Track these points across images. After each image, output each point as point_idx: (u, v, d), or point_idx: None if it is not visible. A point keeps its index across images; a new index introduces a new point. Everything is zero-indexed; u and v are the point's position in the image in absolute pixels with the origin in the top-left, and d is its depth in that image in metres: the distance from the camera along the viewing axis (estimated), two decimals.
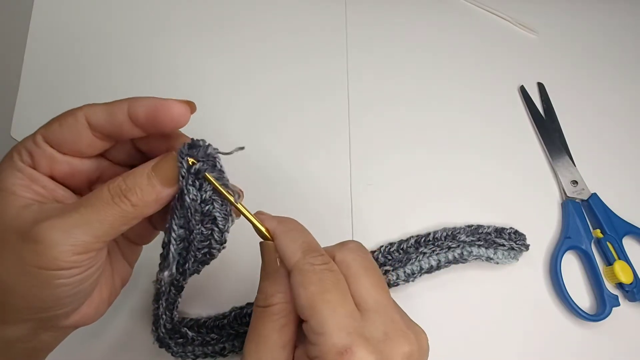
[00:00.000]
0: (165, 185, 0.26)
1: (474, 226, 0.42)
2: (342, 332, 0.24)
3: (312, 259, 0.26)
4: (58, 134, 0.26)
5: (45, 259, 0.24)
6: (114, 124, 0.26)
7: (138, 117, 0.26)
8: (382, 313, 0.26)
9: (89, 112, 0.26)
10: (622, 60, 0.53)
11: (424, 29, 0.52)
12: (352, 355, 0.23)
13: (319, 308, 0.25)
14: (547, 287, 0.43)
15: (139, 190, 0.25)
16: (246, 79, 0.47)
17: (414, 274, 0.40)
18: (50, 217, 0.24)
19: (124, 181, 0.26)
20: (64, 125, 0.26)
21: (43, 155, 0.26)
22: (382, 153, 0.46)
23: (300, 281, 0.26)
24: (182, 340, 0.36)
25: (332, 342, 0.24)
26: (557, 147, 0.47)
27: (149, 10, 0.49)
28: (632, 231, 0.44)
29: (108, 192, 0.25)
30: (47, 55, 0.46)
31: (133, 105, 0.26)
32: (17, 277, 0.24)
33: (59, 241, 0.24)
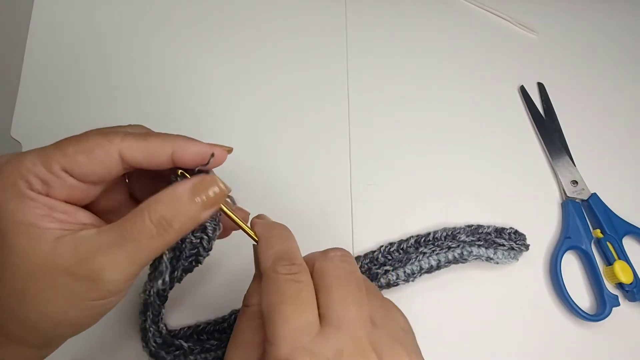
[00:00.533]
0: (206, 209, 0.26)
1: (474, 226, 0.42)
2: (288, 346, 0.23)
3: (279, 267, 0.26)
4: (85, 168, 0.25)
5: (101, 294, 0.24)
6: (152, 164, 0.26)
7: (185, 162, 0.26)
8: (343, 329, 0.24)
9: (125, 150, 0.25)
10: (622, 60, 0.53)
11: (424, 29, 0.52)
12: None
13: (273, 318, 0.24)
14: (547, 287, 0.43)
15: (182, 218, 0.25)
16: (246, 78, 0.47)
17: (414, 274, 0.40)
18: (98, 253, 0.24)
19: (167, 209, 0.25)
20: (93, 159, 0.25)
21: (63, 185, 0.25)
22: (382, 153, 0.46)
23: (264, 289, 0.26)
24: (179, 352, 0.35)
25: (277, 354, 0.23)
26: (557, 147, 0.47)
27: (149, 10, 0.49)
28: (632, 231, 0.44)
29: (151, 224, 0.24)
30: (47, 55, 0.46)
31: (181, 152, 0.26)
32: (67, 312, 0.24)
33: (113, 278, 0.24)
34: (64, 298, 0.24)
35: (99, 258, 0.24)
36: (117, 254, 0.24)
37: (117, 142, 0.25)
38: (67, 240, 0.24)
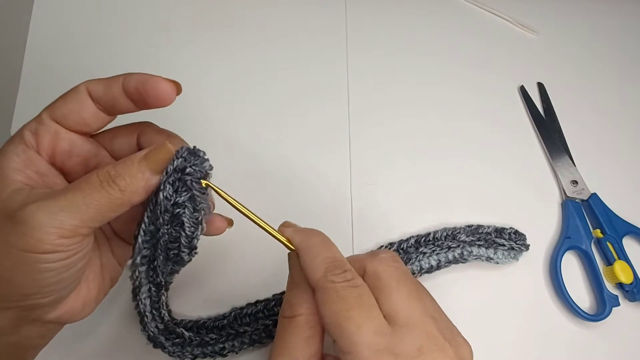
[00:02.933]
0: (154, 173, 0.26)
1: (474, 226, 0.42)
2: (370, 350, 0.23)
3: (333, 277, 0.26)
4: (62, 107, 0.27)
5: (29, 241, 0.23)
6: (111, 96, 0.28)
7: (129, 89, 0.27)
8: (416, 327, 0.25)
9: (90, 85, 0.28)
10: (622, 60, 0.53)
11: (423, 30, 0.52)
12: None
13: (343, 326, 0.24)
14: (547, 287, 0.43)
15: (127, 177, 0.26)
16: (247, 81, 0.47)
17: (414, 273, 0.40)
18: (38, 199, 0.24)
19: (114, 167, 0.26)
20: (68, 98, 0.28)
21: (47, 131, 0.27)
22: (382, 153, 0.46)
23: (323, 300, 0.26)
24: (179, 341, 0.35)
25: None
26: (557, 147, 0.47)
27: (149, 12, 0.49)
28: (632, 231, 0.44)
29: (97, 177, 0.25)
30: (47, 55, 0.46)
31: (126, 78, 0.28)
32: (3, 260, 0.24)
33: (44, 223, 0.23)
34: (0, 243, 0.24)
35: (35, 203, 0.24)
36: (53, 200, 0.24)
37: (85, 82, 0.28)
38: (23, 191, 0.25)
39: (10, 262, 0.24)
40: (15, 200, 0.25)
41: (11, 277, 0.24)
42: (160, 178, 0.27)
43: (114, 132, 0.31)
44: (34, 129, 0.27)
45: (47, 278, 0.25)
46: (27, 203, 0.24)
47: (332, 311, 0.25)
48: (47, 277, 0.25)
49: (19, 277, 0.24)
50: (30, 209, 0.24)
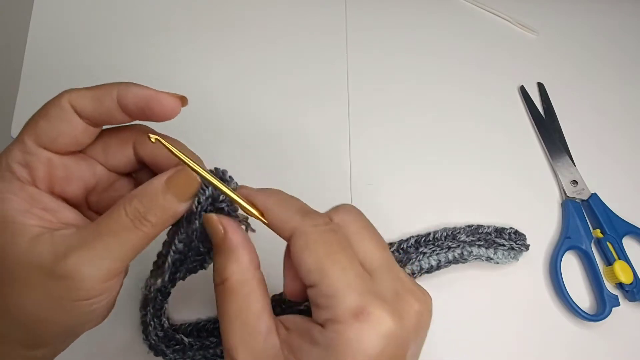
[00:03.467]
0: (181, 201, 0.25)
1: (474, 226, 0.42)
2: (355, 293, 0.23)
3: (313, 221, 0.25)
4: (48, 130, 0.25)
5: (79, 293, 0.24)
6: (102, 111, 0.25)
7: (128, 106, 0.25)
8: (389, 272, 0.25)
9: (73, 99, 0.25)
10: (622, 60, 0.53)
11: (423, 30, 0.52)
12: (368, 315, 0.22)
13: (328, 270, 0.23)
14: (547, 287, 0.43)
15: (158, 211, 0.25)
16: (247, 81, 0.47)
17: (414, 274, 0.40)
18: (72, 250, 0.23)
19: (141, 202, 0.24)
20: (51, 118, 0.25)
21: (39, 161, 0.25)
22: (382, 153, 0.46)
23: (304, 245, 0.24)
24: (180, 347, 0.35)
25: (346, 304, 0.23)
26: (557, 147, 0.47)
27: (149, 12, 0.49)
28: (632, 231, 0.44)
29: (126, 217, 0.24)
30: (47, 55, 0.46)
31: (124, 94, 0.25)
32: (50, 312, 0.24)
33: (89, 274, 0.23)
34: (43, 297, 0.24)
35: (73, 255, 0.23)
36: (92, 249, 0.24)
37: (66, 95, 0.25)
38: (44, 238, 0.24)
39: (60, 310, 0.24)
40: (43, 252, 0.23)
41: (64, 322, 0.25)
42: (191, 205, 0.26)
43: (104, 143, 0.28)
44: (22, 160, 0.25)
45: (96, 312, 0.26)
46: (61, 255, 0.23)
47: (316, 255, 0.24)
48: (96, 311, 0.25)
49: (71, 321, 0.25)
50: (72, 264, 0.23)
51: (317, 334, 0.23)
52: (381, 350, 0.22)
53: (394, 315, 0.23)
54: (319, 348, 0.23)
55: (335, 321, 0.23)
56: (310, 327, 0.24)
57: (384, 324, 0.22)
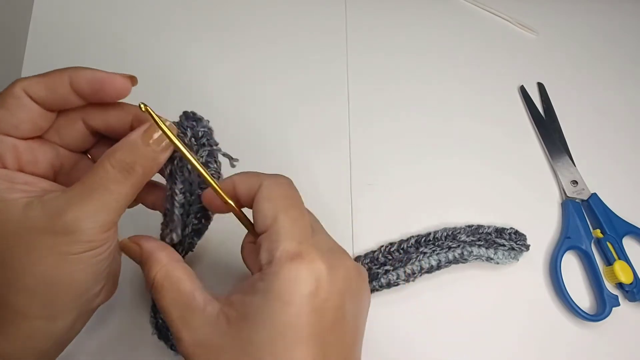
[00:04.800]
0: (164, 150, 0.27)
1: (474, 226, 0.42)
2: (296, 241, 0.25)
3: (276, 179, 0.28)
4: (8, 118, 0.26)
5: (81, 245, 0.25)
6: (57, 97, 0.27)
7: (82, 89, 0.26)
8: (327, 234, 0.29)
9: (27, 87, 0.26)
10: (622, 60, 0.53)
11: (423, 30, 0.52)
12: (302, 258, 0.25)
13: (280, 218, 0.26)
14: (547, 287, 0.43)
15: (143, 160, 0.26)
16: (247, 81, 0.47)
17: (414, 273, 0.40)
18: (68, 207, 0.25)
19: (125, 154, 0.26)
20: (9, 107, 0.26)
21: (6, 147, 0.26)
22: (382, 153, 0.46)
23: (267, 195, 0.27)
24: None
25: (286, 247, 0.25)
26: (557, 147, 0.47)
27: (149, 12, 0.49)
28: (632, 231, 0.44)
29: (113, 169, 0.26)
30: (47, 55, 0.46)
31: (76, 78, 0.26)
32: (58, 269, 0.25)
33: (89, 226, 0.25)
34: (49, 256, 0.25)
35: (69, 211, 0.25)
36: (86, 204, 0.25)
37: (19, 84, 0.26)
38: (34, 204, 0.25)
39: (68, 267, 0.26)
40: (37, 215, 0.25)
41: (72, 279, 0.26)
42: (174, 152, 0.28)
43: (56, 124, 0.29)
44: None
45: (100, 268, 0.27)
46: (57, 213, 0.25)
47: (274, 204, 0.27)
48: (99, 267, 0.27)
49: (78, 276, 0.26)
50: (71, 219, 0.25)
51: (257, 283, 0.25)
52: (314, 290, 0.25)
53: (326, 263, 0.25)
54: (260, 294, 0.25)
55: (272, 264, 0.25)
56: (251, 281, 0.26)
57: (316, 267, 0.25)
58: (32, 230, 0.25)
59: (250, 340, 0.24)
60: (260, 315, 0.24)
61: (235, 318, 0.25)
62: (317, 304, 0.25)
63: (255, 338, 0.24)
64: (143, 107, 0.26)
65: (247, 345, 0.24)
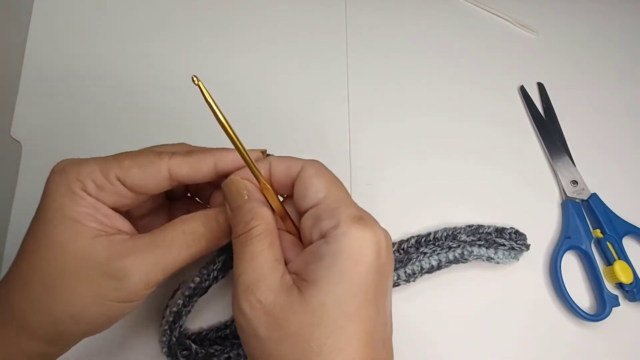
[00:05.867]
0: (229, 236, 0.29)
1: (475, 226, 0.42)
2: (354, 207, 0.27)
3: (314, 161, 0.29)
4: (137, 180, 0.27)
5: (125, 294, 0.26)
6: (197, 178, 0.29)
7: (227, 172, 0.29)
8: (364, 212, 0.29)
9: (174, 165, 0.28)
10: (622, 60, 0.53)
11: (423, 30, 0.52)
12: (366, 222, 0.26)
13: (334, 190, 0.28)
14: (547, 287, 0.43)
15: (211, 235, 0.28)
16: (247, 81, 0.47)
17: (414, 274, 0.40)
18: (128, 254, 0.26)
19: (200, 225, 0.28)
20: (146, 173, 0.28)
21: (114, 192, 0.27)
22: (381, 153, 0.46)
23: (315, 172, 0.28)
24: (187, 353, 0.35)
25: (349, 212, 0.26)
26: (557, 147, 0.47)
27: (149, 12, 0.49)
28: (632, 231, 0.44)
29: (184, 236, 0.27)
30: (47, 56, 0.46)
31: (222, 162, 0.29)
32: (89, 309, 0.26)
33: (139, 280, 0.26)
34: (90, 294, 0.26)
35: (128, 258, 0.26)
36: (145, 258, 0.26)
37: (166, 159, 0.28)
38: (102, 239, 0.26)
39: (99, 310, 0.26)
40: (100, 251, 0.26)
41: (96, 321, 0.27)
42: None
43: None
44: (100, 183, 0.27)
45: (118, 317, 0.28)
46: (115, 256, 0.26)
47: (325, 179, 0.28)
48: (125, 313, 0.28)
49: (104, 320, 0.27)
50: (125, 267, 0.26)
51: (322, 248, 0.26)
52: (378, 252, 0.26)
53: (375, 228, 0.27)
54: (328, 257, 0.25)
55: (339, 227, 0.26)
56: (314, 249, 0.27)
57: (377, 231, 0.26)
58: (90, 263, 0.26)
59: (322, 303, 0.25)
60: (332, 277, 0.25)
61: (305, 287, 0.25)
62: (380, 266, 0.26)
63: (328, 300, 0.25)
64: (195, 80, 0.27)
65: (319, 310, 0.25)
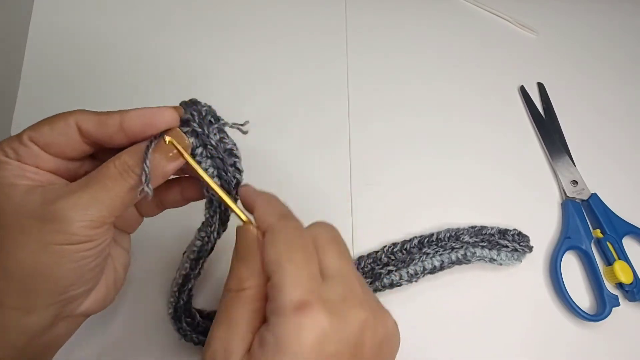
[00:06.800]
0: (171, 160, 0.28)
1: (478, 227, 0.42)
2: (301, 289, 0.25)
3: (287, 222, 0.27)
4: (47, 137, 0.27)
5: (66, 236, 0.25)
6: (105, 134, 0.27)
7: (133, 130, 0.27)
8: (343, 281, 0.27)
9: (81, 119, 0.27)
10: (622, 60, 0.53)
11: (423, 30, 0.52)
12: (307, 310, 0.24)
13: (283, 265, 0.25)
14: (547, 287, 0.43)
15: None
16: (248, 81, 0.47)
17: (417, 274, 0.40)
18: (63, 196, 0.26)
19: (130, 156, 0.27)
20: (55, 128, 0.27)
21: (29, 153, 0.27)
22: (382, 153, 0.46)
23: (272, 240, 0.27)
24: (190, 321, 0.36)
25: (290, 298, 0.24)
26: (557, 147, 0.47)
27: (149, 11, 0.49)
28: (632, 231, 0.44)
29: (115, 169, 0.26)
30: (47, 55, 0.46)
31: (127, 119, 0.27)
32: (39, 258, 0.25)
33: (77, 218, 0.25)
34: (33, 242, 0.25)
35: (62, 200, 0.25)
36: (79, 196, 0.26)
37: (76, 114, 0.27)
38: (37, 190, 0.26)
39: (49, 257, 0.26)
40: (34, 201, 0.26)
41: (52, 271, 0.26)
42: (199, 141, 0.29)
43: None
44: (15, 147, 0.27)
45: (83, 266, 0.27)
46: (50, 201, 0.25)
47: (278, 250, 0.26)
48: (83, 265, 0.27)
49: (59, 270, 0.26)
50: (61, 207, 0.25)
51: (264, 333, 0.25)
52: (316, 347, 0.24)
53: (332, 317, 0.24)
54: (268, 346, 0.24)
55: (277, 313, 0.24)
56: (261, 330, 0.25)
57: (319, 322, 0.24)
58: (26, 214, 0.25)
59: None
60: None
61: None
62: (325, 355, 0.24)
63: None
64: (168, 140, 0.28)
65: None
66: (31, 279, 0.26)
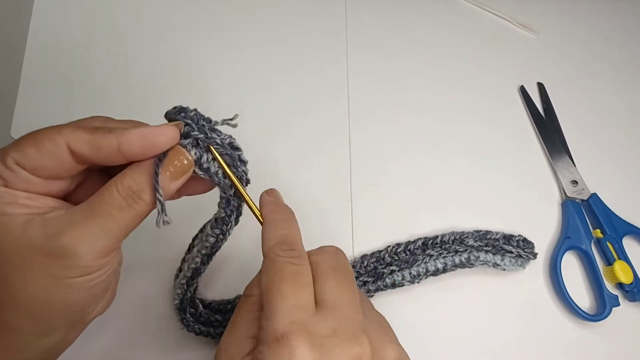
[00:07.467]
0: (174, 179, 0.27)
1: (482, 231, 0.42)
2: (286, 320, 0.24)
3: (279, 251, 0.27)
4: (35, 161, 0.25)
5: (76, 270, 0.25)
6: (100, 157, 0.25)
7: (133, 152, 0.25)
8: (338, 312, 0.26)
9: (72, 140, 0.25)
10: (622, 61, 0.53)
11: (423, 30, 0.52)
12: (287, 342, 0.23)
13: (271, 295, 0.25)
14: (547, 286, 0.43)
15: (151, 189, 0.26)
16: (248, 81, 0.47)
17: (419, 275, 0.40)
18: (68, 228, 0.24)
19: (135, 181, 0.25)
20: (43, 151, 0.25)
21: (17, 177, 0.25)
22: (382, 153, 0.46)
23: (264, 269, 0.27)
24: (193, 312, 0.36)
25: (274, 328, 0.24)
26: (557, 147, 0.47)
27: (149, 11, 0.49)
28: (632, 231, 0.44)
29: (119, 195, 0.25)
30: (47, 55, 0.46)
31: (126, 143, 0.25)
32: (51, 292, 0.25)
33: (86, 251, 0.24)
34: (43, 277, 0.24)
35: (68, 233, 0.24)
36: (86, 228, 0.24)
37: (66, 134, 0.25)
38: (35, 222, 0.25)
39: (62, 290, 0.25)
40: (36, 234, 0.24)
41: (65, 301, 0.26)
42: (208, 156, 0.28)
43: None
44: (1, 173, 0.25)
45: (96, 290, 0.27)
46: (56, 234, 0.24)
47: (268, 280, 0.26)
48: (96, 290, 0.27)
49: (73, 298, 0.26)
50: (68, 243, 0.24)
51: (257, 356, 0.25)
52: None
53: (314, 350, 0.24)
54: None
55: (262, 341, 0.24)
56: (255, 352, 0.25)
57: (299, 354, 0.23)
58: (30, 248, 0.24)
59: None
60: None
61: None
62: None
63: None
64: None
65: None
66: (46, 309, 0.26)
